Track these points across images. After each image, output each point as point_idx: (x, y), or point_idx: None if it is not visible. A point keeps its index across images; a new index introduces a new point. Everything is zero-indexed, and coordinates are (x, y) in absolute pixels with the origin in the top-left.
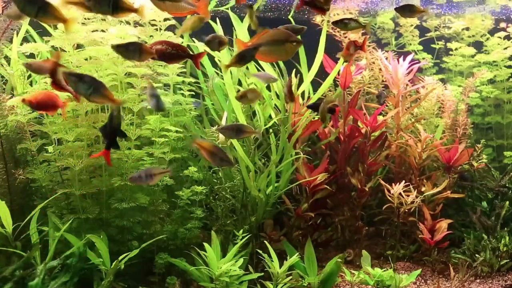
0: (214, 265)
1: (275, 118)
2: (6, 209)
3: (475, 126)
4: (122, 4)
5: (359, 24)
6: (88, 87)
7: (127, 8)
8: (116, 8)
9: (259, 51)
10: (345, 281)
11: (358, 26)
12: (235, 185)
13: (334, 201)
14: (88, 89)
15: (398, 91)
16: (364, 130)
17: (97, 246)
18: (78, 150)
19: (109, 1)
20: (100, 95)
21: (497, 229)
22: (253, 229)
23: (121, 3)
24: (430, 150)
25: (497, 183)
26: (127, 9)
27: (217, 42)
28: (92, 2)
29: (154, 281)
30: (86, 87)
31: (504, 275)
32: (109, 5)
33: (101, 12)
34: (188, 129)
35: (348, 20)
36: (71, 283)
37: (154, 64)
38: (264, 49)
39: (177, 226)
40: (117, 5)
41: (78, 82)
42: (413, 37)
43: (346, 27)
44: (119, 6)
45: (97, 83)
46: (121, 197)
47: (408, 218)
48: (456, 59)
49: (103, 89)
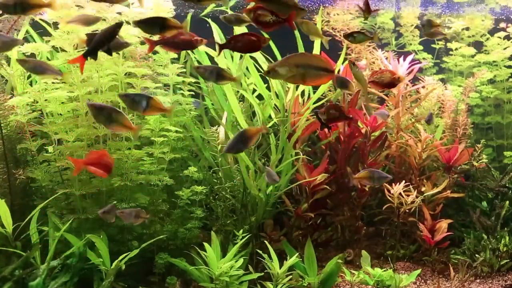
0: (214, 265)
1: (275, 118)
2: (6, 209)
3: (475, 126)
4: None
5: (367, 36)
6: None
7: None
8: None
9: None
10: (345, 281)
11: (366, 38)
12: (235, 185)
13: (334, 201)
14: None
15: (398, 91)
16: (364, 130)
17: (97, 246)
18: (78, 150)
19: None
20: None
21: (497, 229)
22: (253, 229)
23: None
24: (430, 150)
25: (497, 183)
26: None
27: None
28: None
29: (154, 281)
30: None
31: (504, 275)
32: None
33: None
34: (188, 129)
35: (357, 34)
36: (71, 283)
37: (154, 64)
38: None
39: (177, 226)
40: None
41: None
42: (413, 37)
43: (355, 40)
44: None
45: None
46: (121, 197)
47: (408, 218)
48: (456, 59)
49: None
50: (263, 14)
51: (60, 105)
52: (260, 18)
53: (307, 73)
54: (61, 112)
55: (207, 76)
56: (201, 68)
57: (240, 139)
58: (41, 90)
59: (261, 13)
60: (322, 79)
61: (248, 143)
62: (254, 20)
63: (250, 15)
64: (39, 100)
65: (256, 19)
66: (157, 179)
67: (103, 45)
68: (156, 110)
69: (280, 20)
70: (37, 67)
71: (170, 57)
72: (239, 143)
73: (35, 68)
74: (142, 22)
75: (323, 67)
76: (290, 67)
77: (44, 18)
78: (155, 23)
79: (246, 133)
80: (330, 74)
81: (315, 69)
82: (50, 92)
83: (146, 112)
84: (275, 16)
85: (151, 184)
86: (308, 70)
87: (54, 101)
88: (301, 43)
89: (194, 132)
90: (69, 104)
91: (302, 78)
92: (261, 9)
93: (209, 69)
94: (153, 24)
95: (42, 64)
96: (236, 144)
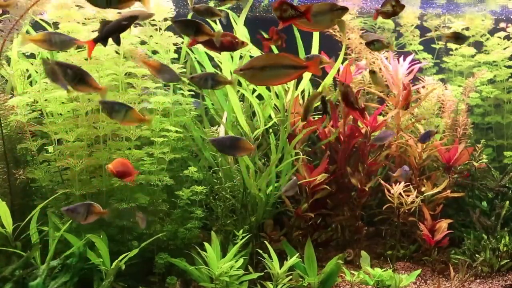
0: (214, 265)
1: (275, 118)
2: (6, 209)
3: (475, 126)
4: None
5: (384, 45)
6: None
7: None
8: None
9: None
10: (345, 281)
11: (383, 47)
12: (235, 185)
13: (334, 201)
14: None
15: (398, 91)
16: (364, 130)
17: (97, 246)
18: (78, 150)
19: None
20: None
21: (497, 229)
22: (253, 229)
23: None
24: (430, 150)
25: (497, 183)
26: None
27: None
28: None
29: (154, 281)
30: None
31: (504, 275)
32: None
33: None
34: (188, 129)
35: (376, 42)
36: (71, 283)
37: None
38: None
39: (177, 226)
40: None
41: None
42: (414, 37)
43: (375, 47)
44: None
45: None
46: (121, 197)
47: (408, 218)
48: (456, 59)
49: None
50: (286, 9)
51: (60, 105)
52: (284, 13)
53: (276, 73)
54: (61, 112)
55: (203, 84)
56: (195, 77)
57: (231, 143)
58: (41, 90)
59: (286, 8)
60: (292, 76)
61: (234, 152)
62: (279, 17)
63: (277, 12)
64: (39, 100)
65: (280, 14)
66: (157, 179)
67: (114, 34)
68: (134, 121)
69: (298, 14)
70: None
71: (170, 57)
72: (227, 147)
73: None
74: (180, 22)
75: (291, 65)
76: (254, 70)
77: (44, 18)
78: (191, 25)
79: (240, 142)
80: (300, 70)
81: (283, 68)
82: (50, 92)
83: (124, 122)
84: (294, 11)
85: (151, 184)
86: (276, 70)
87: (54, 101)
88: (301, 43)
89: (194, 132)
90: (69, 104)
91: (271, 78)
92: (285, 5)
93: (203, 77)
94: (189, 26)
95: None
96: (224, 145)
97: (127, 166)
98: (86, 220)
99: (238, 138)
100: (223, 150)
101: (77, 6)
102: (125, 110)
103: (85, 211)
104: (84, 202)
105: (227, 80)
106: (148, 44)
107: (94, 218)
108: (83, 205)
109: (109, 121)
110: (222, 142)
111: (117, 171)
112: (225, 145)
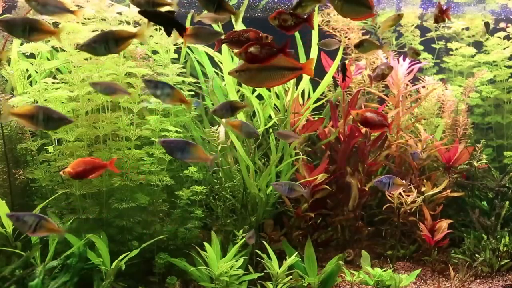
0: (214, 265)
1: (275, 118)
2: (6, 209)
3: (475, 126)
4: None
5: (376, 46)
6: None
7: None
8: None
9: None
10: (345, 281)
11: (374, 47)
12: (235, 185)
13: (334, 201)
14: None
15: (398, 91)
16: (364, 130)
17: (97, 246)
18: (78, 150)
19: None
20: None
21: (497, 229)
22: (253, 229)
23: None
24: (430, 150)
25: (497, 183)
26: None
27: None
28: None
29: (154, 281)
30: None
31: (504, 275)
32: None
33: None
34: (188, 129)
35: (366, 43)
36: (71, 283)
37: (154, 64)
38: None
39: (177, 226)
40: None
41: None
42: (414, 37)
43: (365, 49)
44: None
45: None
46: (121, 197)
47: (408, 218)
48: (456, 59)
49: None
50: (286, 19)
51: (60, 105)
52: (284, 23)
53: (271, 75)
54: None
55: (225, 114)
56: (217, 110)
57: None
58: (41, 90)
59: (285, 18)
60: (287, 78)
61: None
62: (278, 26)
63: (275, 22)
64: (39, 100)
65: (280, 24)
66: (157, 179)
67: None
68: (176, 100)
69: (300, 20)
70: (108, 88)
71: (170, 57)
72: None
73: (106, 89)
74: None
75: (286, 66)
76: (250, 71)
77: (44, 18)
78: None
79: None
80: (294, 72)
81: (278, 70)
82: (50, 92)
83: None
84: (295, 18)
85: (151, 184)
86: (271, 72)
87: (54, 101)
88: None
89: (194, 132)
90: (69, 104)
91: (266, 80)
92: (283, 14)
93: (224, 107)
94: (210, 1)
95: (112, 85)
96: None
97: (89, 163)
98: (35, 233)
99: (192, 144)
100: (172, 153)
101: (76, 6)
102: (169, 89)
103: (34, 223)
104: (37, 214)
105: (243, 105)
106: (148, 44)
107: (45, 233)
108: (33, 216)
109: (109, 121)
110: (173, 145)
111: (76, 172)
112: (177, 149)
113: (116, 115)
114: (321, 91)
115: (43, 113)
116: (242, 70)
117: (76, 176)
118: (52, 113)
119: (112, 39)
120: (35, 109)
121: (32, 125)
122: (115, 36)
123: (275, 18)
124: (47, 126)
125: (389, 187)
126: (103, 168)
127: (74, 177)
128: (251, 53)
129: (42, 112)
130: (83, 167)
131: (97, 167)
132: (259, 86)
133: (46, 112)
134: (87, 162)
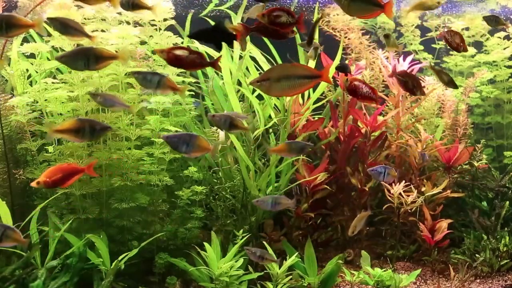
0: (214, 265)
1: (275, 118)
2: (6, 209)
3: (475, 126)
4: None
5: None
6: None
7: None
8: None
9: None
10: (345, 281)
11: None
12: (235, 185)
13: (334, 201)
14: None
15: (398, 91)
16: (364, 130)
17: (97, 246)
18: (78, 150)
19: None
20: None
21: (497, 229)
22: (253, 229)
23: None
24: (430, 150)
25: (497, 183)
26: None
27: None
28: None
29: (154, 281)
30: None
31: (504, 275)
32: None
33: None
34: (188, 129)
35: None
36: (71, 283)
37: (154, 64)
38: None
39: (177, 226)
40: None
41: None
42: (414, 37)
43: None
44: None
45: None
46: (121, 197)
47: (408, 218)
48: (456, 59)
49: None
50: (279, 16)
51: (60, 105)
52: (276, 19)
53: (291, 83)
54: (61, 112)
55: (222, 125)
56: (215, 117)
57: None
58: (41, 90)
59: (277, 15)
60: (307, 86)
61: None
62: (269, 22)
63: (264, 18)
64: (39, 100)
65: (272, 21)
66: (157, 179)
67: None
68: (168, 89)
69: (292, 22)
70: (107, 101)
71: None
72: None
73: (105, 102)
74: None
75: (305, 75)
76: (271, 81)
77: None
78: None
79: (196, 139)
80: (313, 80)
81: (298, 78)
82: (50, 92)
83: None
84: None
85: (151, 184)
86: (291, 81)
87: (54, 101)
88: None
89: (194, 132)
90: (69, 104)
91: (286, 89)
92: (276, 11)
93: (223, 118)
94: None
95: (112, 97)
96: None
97: (65, 170)
98: (1, 243)
99: (195, 136)
100: (177, 147)
101: (76, 6)
102: (158, 77)
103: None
104: (3, 224)
105: (244, 127)
106: (148, 44)
107: (10, 244)
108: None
109: (109, 121)
110: (176, 139)
111: (52, 181)
112: (181, 142)
113: (116, 115)
114: (321, 91)
115: (89, 126)
116: (263, 80)
117: (53, 185)
118: (95, 124)
119: (94, 56)
120: (78, 123)
121: (77, 138)
122: (97, 54)
123: (264, 16)
124: (92, 137)
125: (384, 177)
126: (81, 172)
127: (50, 186)
128: (175, 54)
129: (87, 125)
130: (59, 174)
131: (74, 172)
132: (280, 95)
133: (90, 124)
134: (63, 169)
